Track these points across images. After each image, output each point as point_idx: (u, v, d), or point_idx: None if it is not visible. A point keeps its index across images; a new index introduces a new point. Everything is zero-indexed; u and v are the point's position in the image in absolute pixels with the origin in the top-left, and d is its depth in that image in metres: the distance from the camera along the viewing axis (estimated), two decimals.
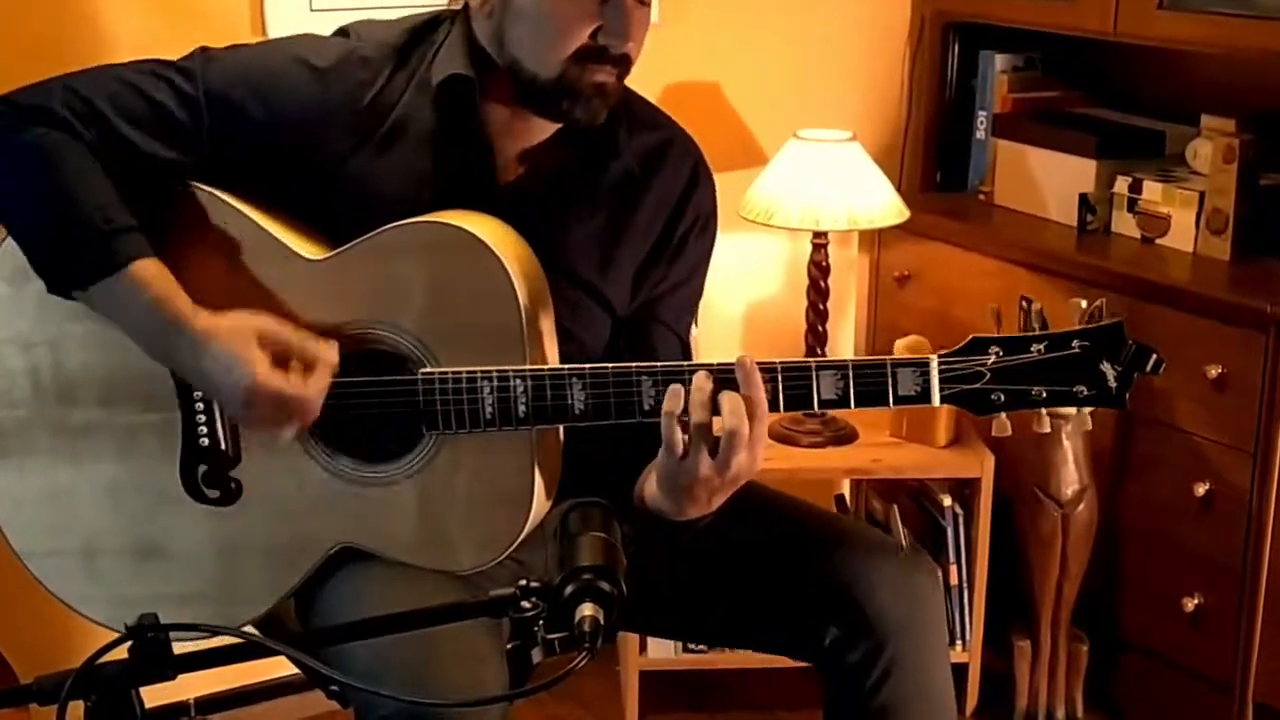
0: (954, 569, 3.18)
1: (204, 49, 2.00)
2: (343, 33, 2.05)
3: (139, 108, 1.91)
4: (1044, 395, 1.85)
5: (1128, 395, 1.85)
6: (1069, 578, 3.11)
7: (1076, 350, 1.84)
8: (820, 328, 3.22)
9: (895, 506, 3.23)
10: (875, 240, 3.61)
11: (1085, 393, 1.85)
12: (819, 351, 3.23)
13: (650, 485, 1.93)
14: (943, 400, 1.86)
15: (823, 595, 2.05)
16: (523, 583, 1.48)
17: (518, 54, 1.97)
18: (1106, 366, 1.83)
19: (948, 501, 3.20)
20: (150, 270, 1.85)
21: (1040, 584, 3.13)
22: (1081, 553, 3.09)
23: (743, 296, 3.57)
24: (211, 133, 1.93)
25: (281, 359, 1.86)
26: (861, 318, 3.71)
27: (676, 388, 1.83)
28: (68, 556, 2.02)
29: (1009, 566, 3.18)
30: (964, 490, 3.20)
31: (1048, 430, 1.88)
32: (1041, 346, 1.84)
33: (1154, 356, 1.85)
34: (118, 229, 1.84)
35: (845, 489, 3.63)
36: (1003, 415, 1.87)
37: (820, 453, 3.16)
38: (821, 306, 3.21)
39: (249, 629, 2.00)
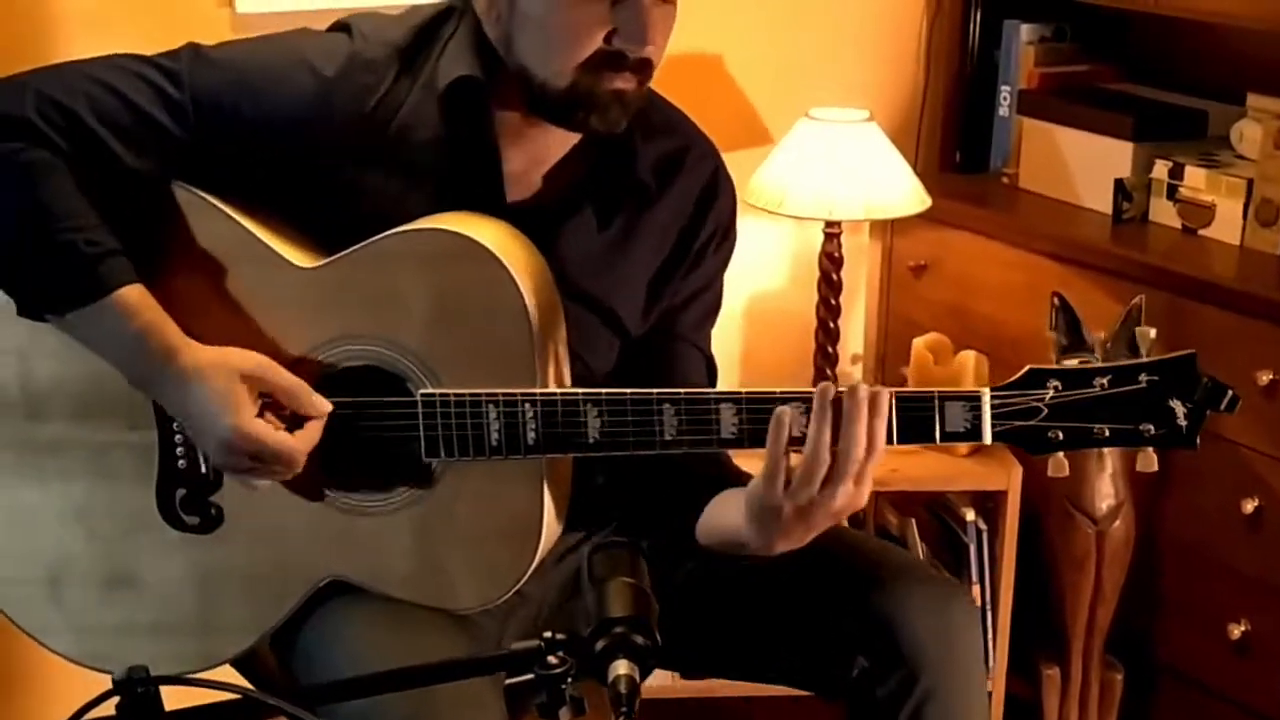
0: (976, 589, 3.19)
1: (193, 46, 1.99)
2: (343, 27, 2.03)
3: (121, 115, 1.91)
4: (1106, 434, 1.84)
5: (1198, 436, 1.85)
6: (1103, 600, 3.13)
7: (1143, 385, 1.83)
8: (832, 324, 3.23)
9: (913, 520, 3.25)
10: (888, 227, 3.60)
11: (1152, 432, 1.83)
12: (830, 350, 3.23)
13: (730, 518, 1.95)
14: (995, 438, 1.85)
15: (851, 623, 2.05)
16: (548, 635, 1.49)
17: (526, 62, 1.95)
18: (1176, 403, 1.83)
19: (970, 515, 3.21)
20: (135, 296, 1.87)
21: (1071, 607, 3.15)
22: (1117, 573, 3.11)
23: (746, 289, 3.56)
24: (198, 137, 1.93)
25: (271, 407, 1.89)
26: (872, 311, 3.71)
27: (784, 410, 1.82)
28: (31, 583, 2.02)
29: (1037, 587, 3.20)
30: (988, 503, 3.21)
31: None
32: (1105, 381, 1.83)
33: (1230, 394, 1.83)
34: (103, 252, 1.86)
35: None
36: (1060, 454, 1.87)
37: None
38: (834, 301, 3.22)
39: (233, 670, 2.01)
